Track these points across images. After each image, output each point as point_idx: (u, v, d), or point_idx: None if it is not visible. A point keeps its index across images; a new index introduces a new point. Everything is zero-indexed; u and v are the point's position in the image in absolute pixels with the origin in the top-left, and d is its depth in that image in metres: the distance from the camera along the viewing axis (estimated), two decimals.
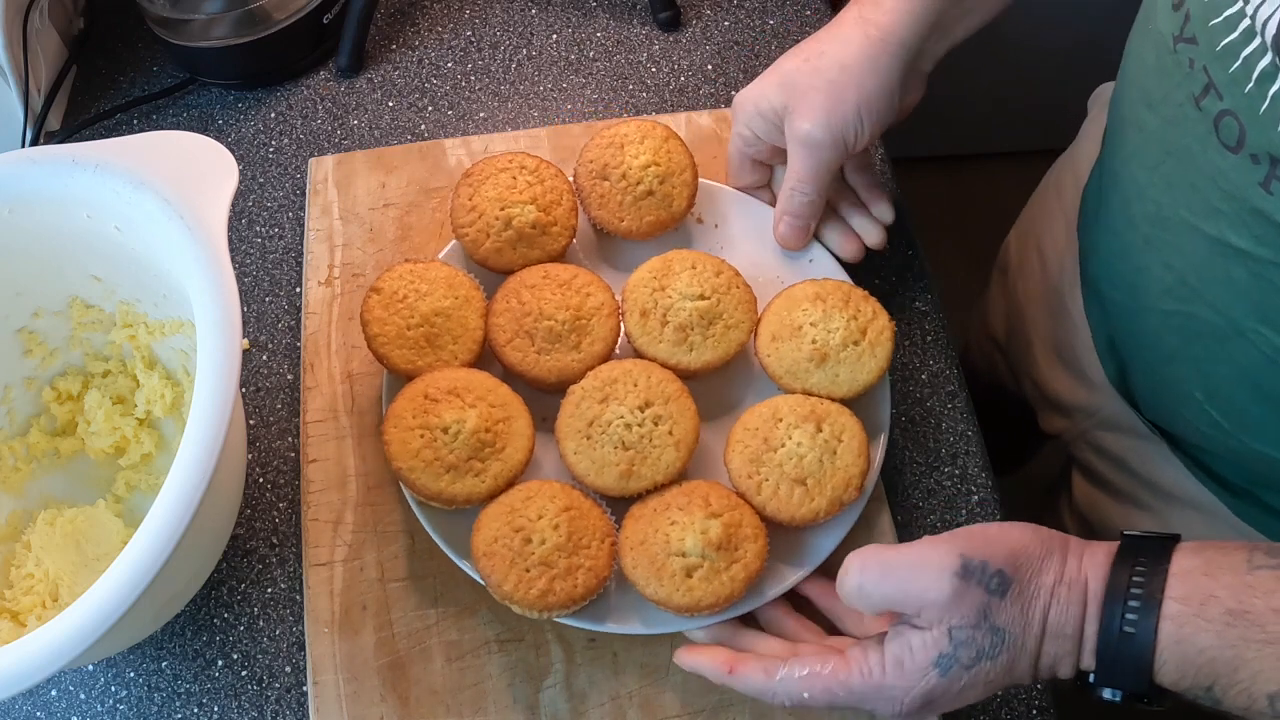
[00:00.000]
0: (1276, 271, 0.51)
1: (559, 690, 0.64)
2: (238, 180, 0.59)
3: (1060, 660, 0.51)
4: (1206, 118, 0.51)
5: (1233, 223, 0.52)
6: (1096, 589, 0.50)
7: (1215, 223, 0.53)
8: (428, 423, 0.64)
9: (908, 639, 0.52)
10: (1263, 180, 0.48)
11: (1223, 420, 0.63)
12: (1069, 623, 0.50)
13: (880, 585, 0.53)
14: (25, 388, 0.72)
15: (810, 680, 0.55)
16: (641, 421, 0.65)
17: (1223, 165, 0.51)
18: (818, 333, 0.67)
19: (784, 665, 0.56)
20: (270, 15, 0.86)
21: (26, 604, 0.65)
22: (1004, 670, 0.51)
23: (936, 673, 0.51)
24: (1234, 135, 0.49)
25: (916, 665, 0.52)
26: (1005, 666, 0.51)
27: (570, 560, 0.61)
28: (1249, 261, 0.52)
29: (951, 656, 0.51)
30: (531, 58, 0.92)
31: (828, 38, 0.68)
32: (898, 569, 0.53)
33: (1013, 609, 0.50)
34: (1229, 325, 0.56)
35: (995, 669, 0.51)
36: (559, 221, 0.73)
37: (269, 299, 0.80)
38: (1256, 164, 0.48)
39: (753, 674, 0.57)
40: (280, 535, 0.71)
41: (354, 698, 0.64)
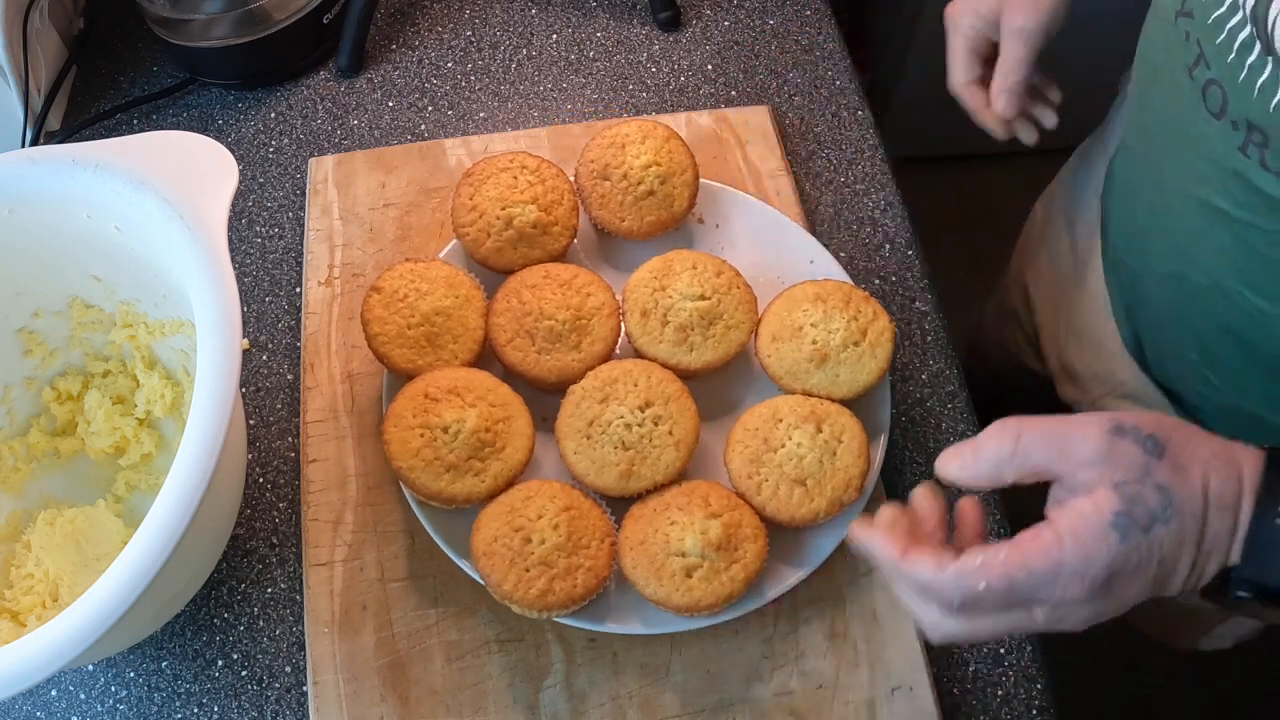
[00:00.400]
0: (1255, 234, 0.54)
1: (559, 690, 0.64)
2: (238, 180, 0.59)
3: (1217, 543, 0.48)
4: (1196, 87, 0.55)
5: (1217, 188, 0.55)
6: (1251, 470, 0.49)
7: (1204, 188, 0.57)
8: (428, 422, 0.64)
9: (1076, 506, 0.49)
10: (1241, 145, 0.52)
11: (1216, 380, 0.65)
12: (1228, 494, 0.48)
13: (1040, 440, 0.50)
14: (25, 388, 0.72)
15: (987, 569, 0.50)
16: (641, 421, 0.65)
17: (1209, 132, 0.54)
18: (818, 333, 0.67)
19: (954, 559, 0.51)
20: (270, 15, 0.86)
21: (26, 604, 0.64)
22: (1175, 542, 0.48)
23: (1116, 536, 0.48)
24: (1218, 103, 0.53)
25: (1093, 531, 0.48)
26: (1177, 538, 0.48)
27: (570, 560, 0.61)
28: (1231, 224, 0.56)
29: (1127, 515, 0.48)
30: (531, 58, 0.92)
31: None
32: (1051, 425, 0.51)
33: (1173, 473, 0.48)
34: (1215, 286, 0.59)
35: (1169, 539, 0.48)
36: (560, 221, 0.73)
37: (269, 299, 0.80)
38: (1236, 130, 0.52)
39: (923, 564, 0.51)
40: (280, 535, 0.71)
41: (354, 698, 0.64)
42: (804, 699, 0.63)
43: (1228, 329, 0.61)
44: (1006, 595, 0.50)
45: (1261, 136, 0.51)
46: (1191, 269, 0.61)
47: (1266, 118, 0.50)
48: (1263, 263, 0.56)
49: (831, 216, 0.82)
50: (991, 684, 0.65)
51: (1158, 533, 0.48)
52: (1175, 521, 0.49)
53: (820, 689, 0.63)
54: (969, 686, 0.65)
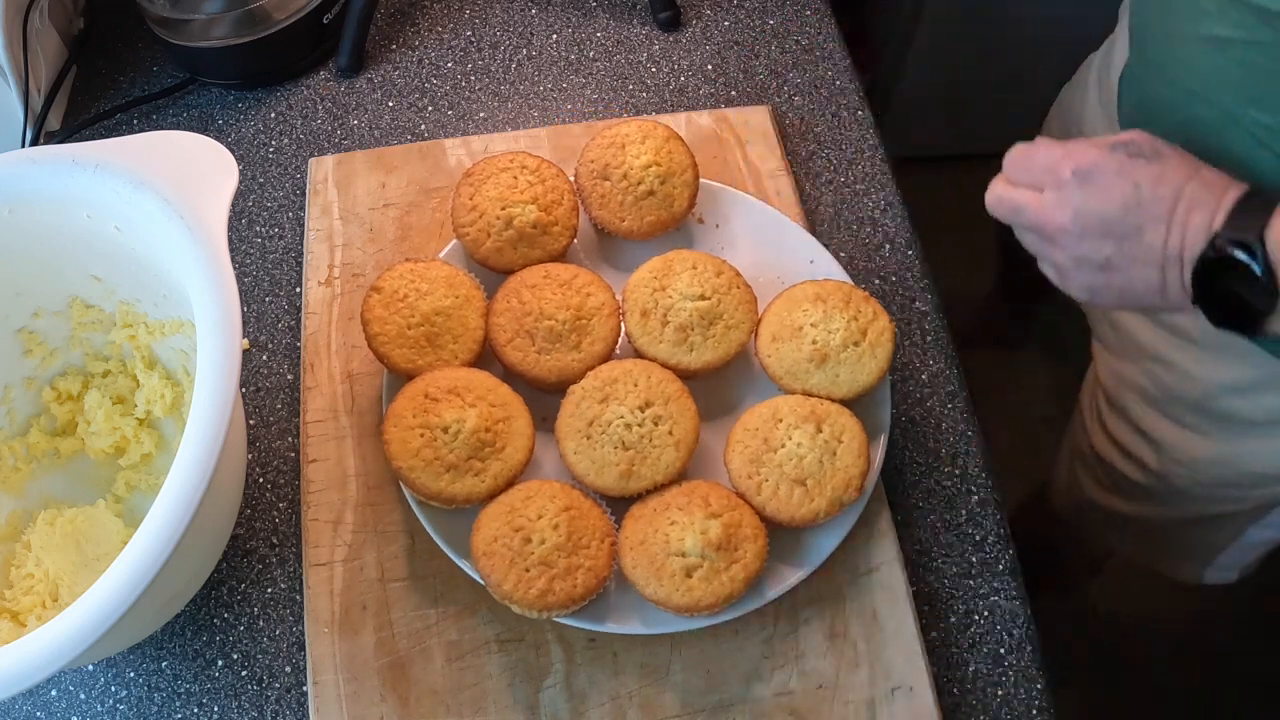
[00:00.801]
0: (1255, 51, 0.60)
1: (559, 690, 0.64)
2: (238, 180, 0.59)
3: (1197, 204, 0.56)
4: None
5: (1218, 19, 0.61)
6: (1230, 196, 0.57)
7: (1206, 23, 0.62)
8: (428, 422, 0.64)
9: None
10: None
11: None
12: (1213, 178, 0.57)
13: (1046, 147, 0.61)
14: (25, 388, 0.72)
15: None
16: (641, 421, 0.65)
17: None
18: (818, 333, 0.67)
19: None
20: (270, 15, 0.86)
21: (26, 604, 0.64)
22: (1154, 178, 0.57)
23: (1109, 149, 0.59)
24: None
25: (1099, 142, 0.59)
26: (1155, 174, 0.58)
27: (570, 560, 0.61)
28: (1233, 48, 0.61)
29: (1126, 142, 0.59)
30: (531, 58, 0.92)
31: None
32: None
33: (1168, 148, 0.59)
34: (1224, 115, 0.64)
35: (1148, 171, 0.58)
36: (560, 221, 0.73)
37: (269, 299, 0.80)
38: None
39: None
40: (280, 535, 0.71)
41: (354, 698, 0.64)
42: (804, 699, 0.63)
43: (1238, 159, 0.65)
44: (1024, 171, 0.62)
45: None
46: (1199, 106, 0.66)
47: None
48: (1266, 78, 0.61)
49: (831, 216, 0.82)
50: (991, 684, 0.65)
51: (1139, 162, 0.58)
52: (1158, 165, 0.58)
53: (820, 689, 0.63)
54: (969, 686, 0.65)
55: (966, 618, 0.67)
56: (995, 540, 0.70)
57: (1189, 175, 0.58)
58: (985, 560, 0.69)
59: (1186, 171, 0.58)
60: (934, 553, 0.69)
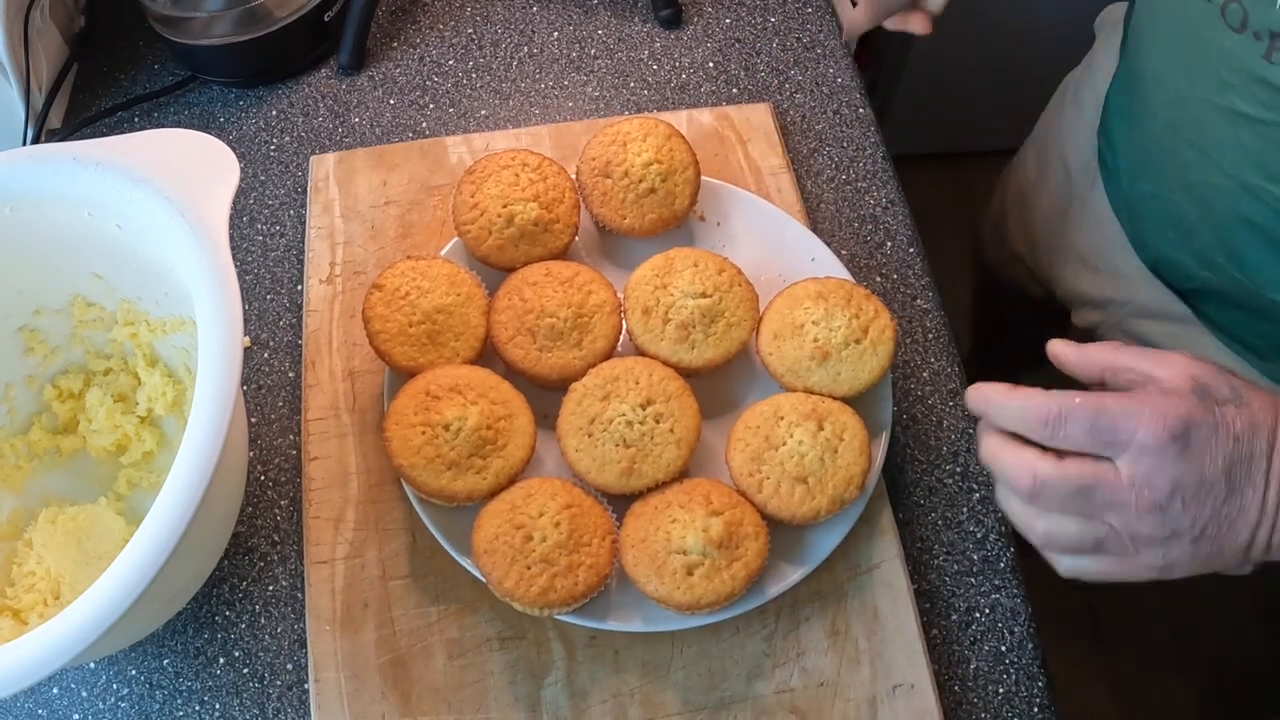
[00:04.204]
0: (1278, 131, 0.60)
1: (560, 688, 0.64)
2: (239, 178, 0.59)
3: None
4: (1215, 7, 0.60)
5: (1241, 94, 0.60)
6: None
7: (1226, 95, 0.62)
8: (429, 420, 0.64)
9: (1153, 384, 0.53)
10: (1265, 53, 0.57)
11: (1245, 279, 0.69)
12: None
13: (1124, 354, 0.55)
14: (27, 386, 0.72)
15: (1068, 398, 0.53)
16: (643, 419, 0.65)
17: (1230, 45, 0.60)
18: (819, 331, 0.67)
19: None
20: (271, 13, 0.86)
21: (28, 602, 0.65)
22: (1249, 425, 0.51)
23: (1194, 398, 0.51)
24: (1238, 18, 0.58)
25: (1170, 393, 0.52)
26: (1249, 423, 0.51)
27: (571, 558, 0.61)
28: (1255, 125, 0.61)
29: (1202, 388, 0.51)
30: (533, 55, 0.91)
31: None
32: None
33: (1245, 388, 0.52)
34: (1241, 186, 0.64)
35: (1240, 420, 0.51)
36: (561, 219, 0.73)
37: (270, 296, 0.80)
38: (1259, 40, 0.57)
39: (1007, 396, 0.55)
40: (282, 533, 0.71)
41: (355, 695, 0.64)
42: (805, 696, 0.63)
43: (1255, 225, 0.64)
44: (1090, 433, 0.51)
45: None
46: (1216, 174, 0.65)
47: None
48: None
49: (833, 214, 0.82)
50: (993, 682, 0.65)
51: (1228, 411, 0.51)
52: (1246, 411, 0.51)
53: (821, 686, 0.63)
54: (970, 684, 0.65)
55: (968, 615, 0.67)
56: (996, 538, 0.70)
57: (1275, 413, 0.51)
58: (987, 558, 0.69)
59: (1273, 410, 0.52)
60: (935, 550, 0.69)
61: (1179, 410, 0.51)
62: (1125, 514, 0.51)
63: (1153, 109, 0.72)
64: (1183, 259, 0.74)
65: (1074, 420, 0.52)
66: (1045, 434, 0.53)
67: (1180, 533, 0.51)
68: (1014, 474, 0.53)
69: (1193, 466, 0.50)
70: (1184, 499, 0.50)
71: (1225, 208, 0.66)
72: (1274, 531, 0.51)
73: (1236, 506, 0.51)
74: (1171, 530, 0.51)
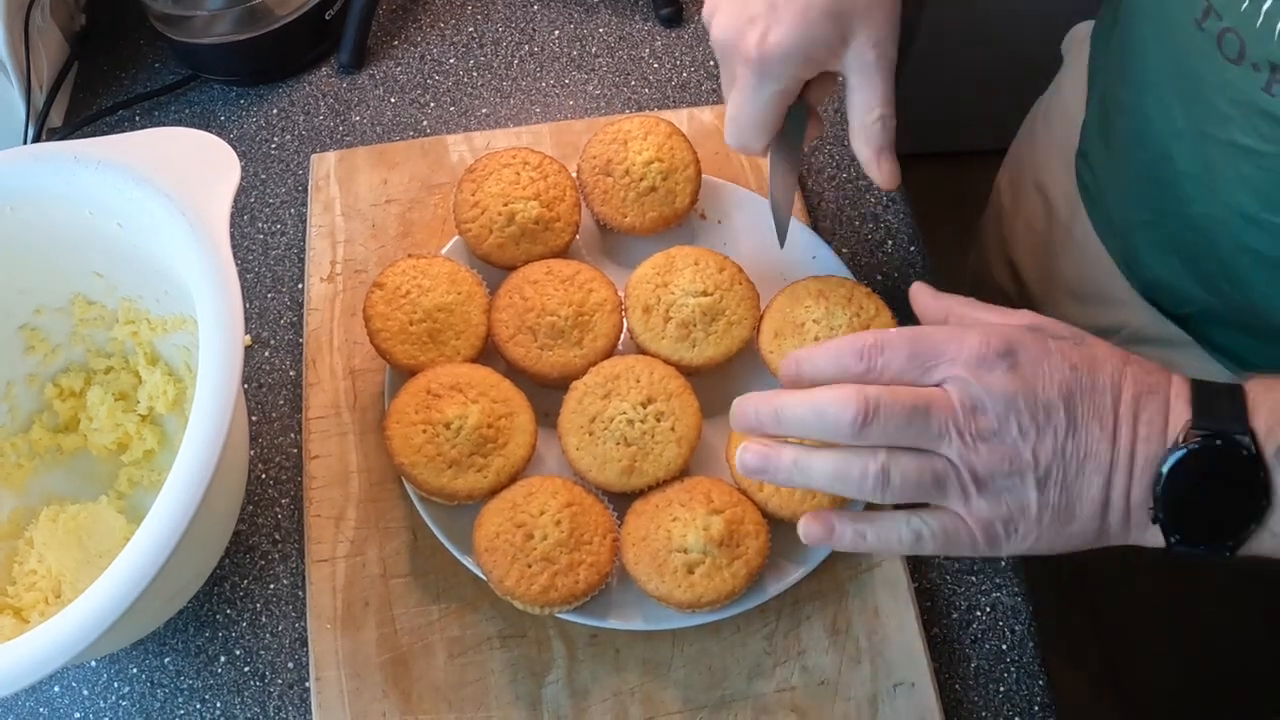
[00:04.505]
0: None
1: (561, 686, 0.64)
2: (240, 176, 0.59)
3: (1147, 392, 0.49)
4: (1209, 37, 0.56)
5: (1241, 126, 0.57)
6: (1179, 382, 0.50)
7: (1225, 128, 0.58)
8: (430, 418, 0.64)
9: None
10: (1265, 85, 0.54)
11: (1250, 304, 0.66)
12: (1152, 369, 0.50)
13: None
14: (28, 384, 0.72)
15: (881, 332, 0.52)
16: (644, 418, 0.65)
17: (1228, 76, 0.56)
18: (820, 329, 0.67)
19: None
20: (272, 11, 0.86)
21: (29, 600, 0.65)
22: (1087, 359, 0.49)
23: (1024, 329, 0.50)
24: (1235, 49, 0.55)
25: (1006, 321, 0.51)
26: (1088, 357, 0.49)
27: (572, 556, 0.61)
28: (1257, 158, 0.57)
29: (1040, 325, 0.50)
30: (534, 54, 0.91)
31: None
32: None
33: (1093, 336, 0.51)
34: (1243, 218, 0.60)
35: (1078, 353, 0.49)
36: (562, 217, 0.73)
37: (271, 295, 0.80)
38: (1258, 71, 0.54)
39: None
40: (283, 531, 0.71)
41: (356, 694, 0.64)
42: (806, 695, 0.63)
43: (1261, 256, 0.62)
44: (910, 357, 0.50)
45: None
46: (1216, 206, 0.62)
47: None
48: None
49: (834, 212, 0.82)
50: (994, 680, 0.65)
51: (1064, 343, 0.49)
52: (1086, 348, 0.50)
53: (822, 685, 0.63)
54: (971, 682, 0.65)
55: (968, 614, 0.67)
56: None
57: (1124, 358, 0.50)
58: (987, 556, 0.69)
59: (1120, 354, 0.50)
60: None
61: (1003, 333, 0.50)
62: (962, 445, 0.49)
63: (1141, 139, 0.68)
64: (1184, 284, 0.71)
65: (892, 346, 0.50)
66: (863, 366, 0.50)
67: (1024, 472, 0.48)
68: (838, 406, 0.49)
69: (1025, 386, 0.48)
70: (1020, 425, 0.48)
71: (1227, 237, 0.63)
72: (1132, 484, 0.48)
73: (1083, 445, 0.48)
74: (1012, 465, 0.48)
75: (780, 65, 0.58)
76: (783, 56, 0.57)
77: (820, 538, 0.54)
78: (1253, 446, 0.47)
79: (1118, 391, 0.49)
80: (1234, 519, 0.48)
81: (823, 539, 0.54)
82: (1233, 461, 0.47)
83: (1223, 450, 0.47)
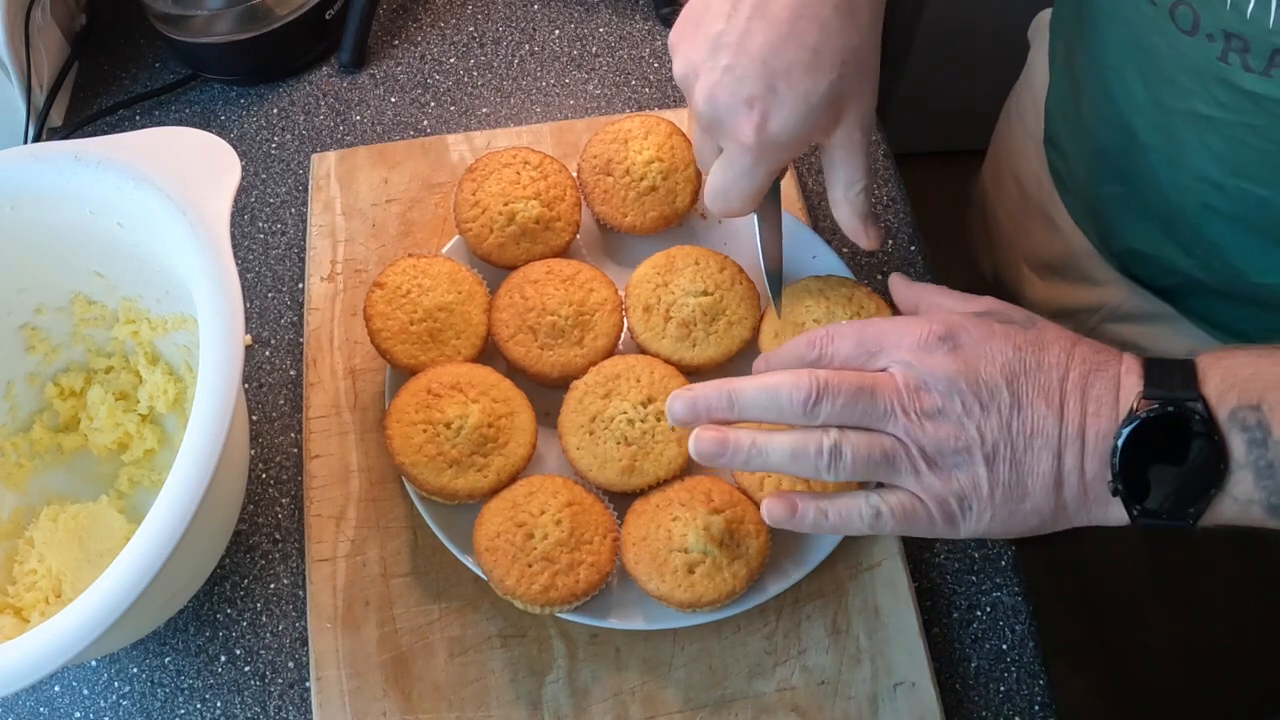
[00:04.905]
0: (1246, 131, 0.56)
1: (561, 685, 0.64)
2: (240, 176, 0.59)
3: (1095, 369, 0.50)
4: (1161, 10, 0.56)
5: (1200, 96, 0.57)
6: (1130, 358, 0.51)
7: (1185, 99, 0.58)
8: (430, 418, 0.64)
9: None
10: (1220, 54, 0.54)
11: (1226, 267, 0.66)
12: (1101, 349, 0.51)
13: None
14: (28, 384, 0.72)
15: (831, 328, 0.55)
16: (644, 417, 0.65)
17: (1183, 48, 0.56)
18: None
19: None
20: (272, 11, 0.86)
21: (29, 600, 0.65)
22: (1032, 341, 0.51)
23: (972, 315, 0.52)
24: (1189, 20, 0.55)
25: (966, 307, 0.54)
26: (1034, 339, 0.51)
27: (572, 556, 0.61)
28: (1219, 126, 0.57)
29: (992, 311, 0.52)
30: (534, 53, 0.91)
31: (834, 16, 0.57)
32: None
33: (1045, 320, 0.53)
34: (1212, 185, 0.61)
35: (1023, 335, 0.51)
36: (562, 217, 0.73)
37: (271, 295, 0.80)
38: (1213, 41, 0.54)
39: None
40: (283, 531, 0.71)
41: (356, 693, 0.64)
42: (806, 694, 0.63)
43: (1235, 217, 0.62)
44: (857, 344, 0.53)
45: (1241, 43, 0.52)
46: (1184, 175, 0.62)
47: (1244, 24, 0.51)
48: (1258, 156, 0.57)
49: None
50: (994, 680, 0.65)
51: (1011, 327, 0.51)
52: (1034, 331, 0.51)
53: (822, 684, 0.63)
54: (971, 682, 0.65)
55: (969, 614, 0.67)
56: None
57: (1073, 339, 0.51)
58: (987, 556, 0.69)
59: (1069, 336, 0.51)
60: (936, 548, 0.69)
61: (946, 319, 0.52)
62: (908, 422, 0.51)
63: (1103, 116, 0.68)
64: (1164, 252, 0.72)
65: (840, 336, 0.53)
66: (814, 355, 0.54)
67: (970, 448, 0.50)
68: (790, 387, 0.52)
69: (967, 367, 0.50)
70: (964, 403, 0.50)
71: (1195, 204, 0.64)
72: (1084, 459, 0.49)
73: (1029, 421, 0.49)
74: (958, 442, 0.50)
75: (781, 151, 0.58)
76: (785, 143, 0.58)
77: (783, 517, 0.55)
78: (1205, 411, 0.47)
79: (1064, 370, 0.50)
80: (1193, 486, 0.48)
81: (785, 518, 0.55)
82: (1187, 428, 0.47)
83: (1175, 416, 0.48)
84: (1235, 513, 0.48)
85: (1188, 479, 0.48)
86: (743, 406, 0.54)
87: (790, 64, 0.55)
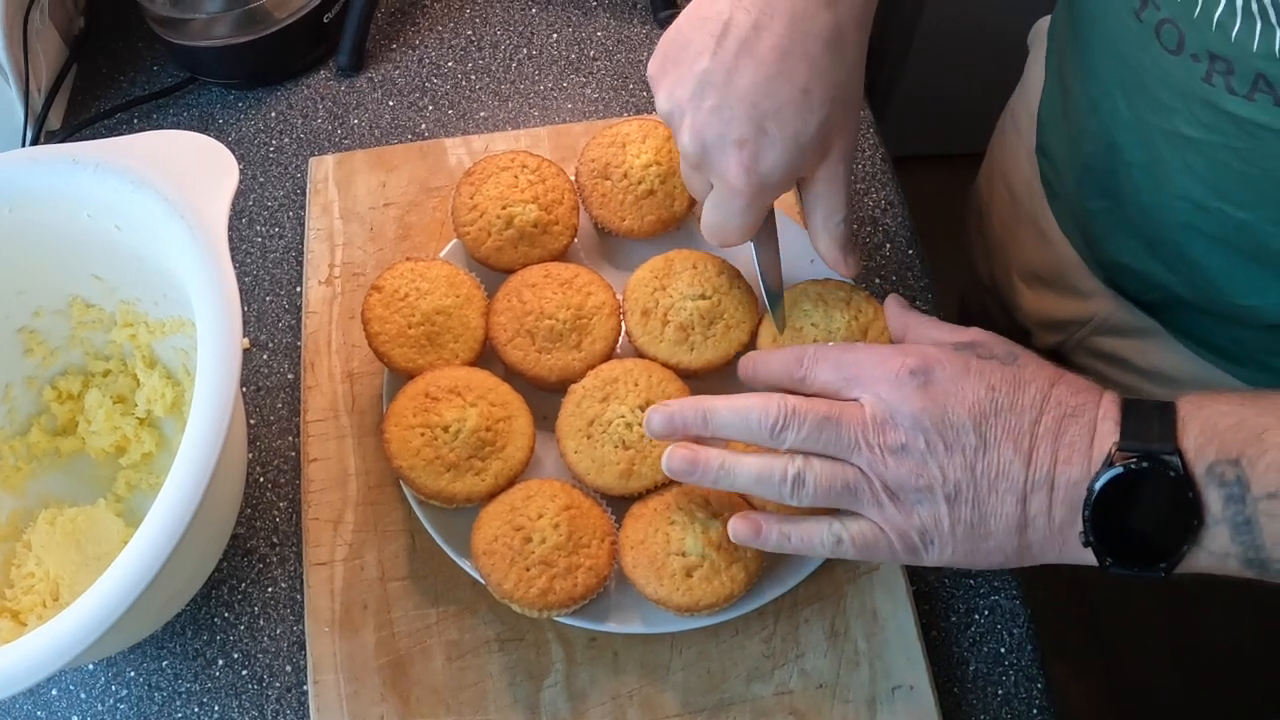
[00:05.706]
0: (1227, 153, 0.56)
1: (559, 689, 0.64)
2: (238, 179, 0.59)
3: (1071, 414, 0.49)
4: (1147, 28, 0.56)
5: (1184, 116, 0.57)
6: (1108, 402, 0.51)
7: (1169, 118, 0.58)
8: (428, 421, 0.64)
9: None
10: (1204, 75, 0.53)
11: (1209, 286, 0.66)
12: (1081, 388, 0.51)
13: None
14: (26, 387, 0.72)
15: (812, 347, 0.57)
16: (642, 421, 0.65)
17: (1168, 67, 0.56)
18: (819, 333, 0.67)
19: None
20: (270, 14, 0.86)
21: (27, 603, 0.65)
22: (1009, 380, 0.50)
23: (951, 349, 0.52)
24: (1174, 39, 0.54)
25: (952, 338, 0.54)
26: (1011, 379, 0.50)
27: (570, 559, 0.61)
28: (1202, 148, 0.57)
29: (975, 343, 0.53)
30: (532, 57, 0.91)
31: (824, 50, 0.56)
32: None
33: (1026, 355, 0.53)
34: (1194, 206, 0.60)
35: (1001, 374, 0.51)
36: (560, 220, 0.73)
37: (269, 298, 0.80)
38: (1197, 61, 0.53)
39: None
40: (281, 534, 0.71)
41: (354, 697, 0.64)
42: (804, 698, 0.63)
43: (1216, 239, 0.61)
44: (835, 369, 0.54)
45: (1225, 65, 0.52)
46: (1166, 195, 0.62)
47: (1229, 47, 0.51)
48: (1240, 179, 0.56)
49: None
50: (992, 683, 0.65)
51: (990, 364, 0.51)
52: (1014, 369, 0.51)
53: (820, 688, 0.63)
54: (969, 686, 0.65)
55: (967, 617, 0.67)
56: None
57: (1052, 379, 0.51)
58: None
59: (1049, 375, 0.51)
60: None
61: (924, 353, 0.52)
62: (871, 456, 0.51)
63: (1090, 131, 0.68)
64: (1148, 268, 0.71)
65: (822, 359, 0.55)
66: (797, 375, 0.55)
67: (933, 487, 0.50)
68: (759, 411, 0.53)
69: (934, 405, 0.50)
70: (928, 442, 0.50)
71: (1178, 223, 0.64)
72: (1053, 505, 0.49)
73: (994, 464, 0.49)
74: (920, 480, 0.50)
75: (772, 190, 0.59)
76: (776, 183, 0.58)
77: (747, 536, 0.57)
78: (1181, 467, 0.47)
79: (1037, 413, 0.50)
80: (1166, 540, 0.48)
81: (750, 537, 0.56)
82: (1161, 482, 0.47)
83: (1150, 471, 0.47)
84: (1210, 564, 0.48)
85: (1160, 532, 0.48)
86: (716, 425, 0.56)
87: (781, 104, 0.55)
